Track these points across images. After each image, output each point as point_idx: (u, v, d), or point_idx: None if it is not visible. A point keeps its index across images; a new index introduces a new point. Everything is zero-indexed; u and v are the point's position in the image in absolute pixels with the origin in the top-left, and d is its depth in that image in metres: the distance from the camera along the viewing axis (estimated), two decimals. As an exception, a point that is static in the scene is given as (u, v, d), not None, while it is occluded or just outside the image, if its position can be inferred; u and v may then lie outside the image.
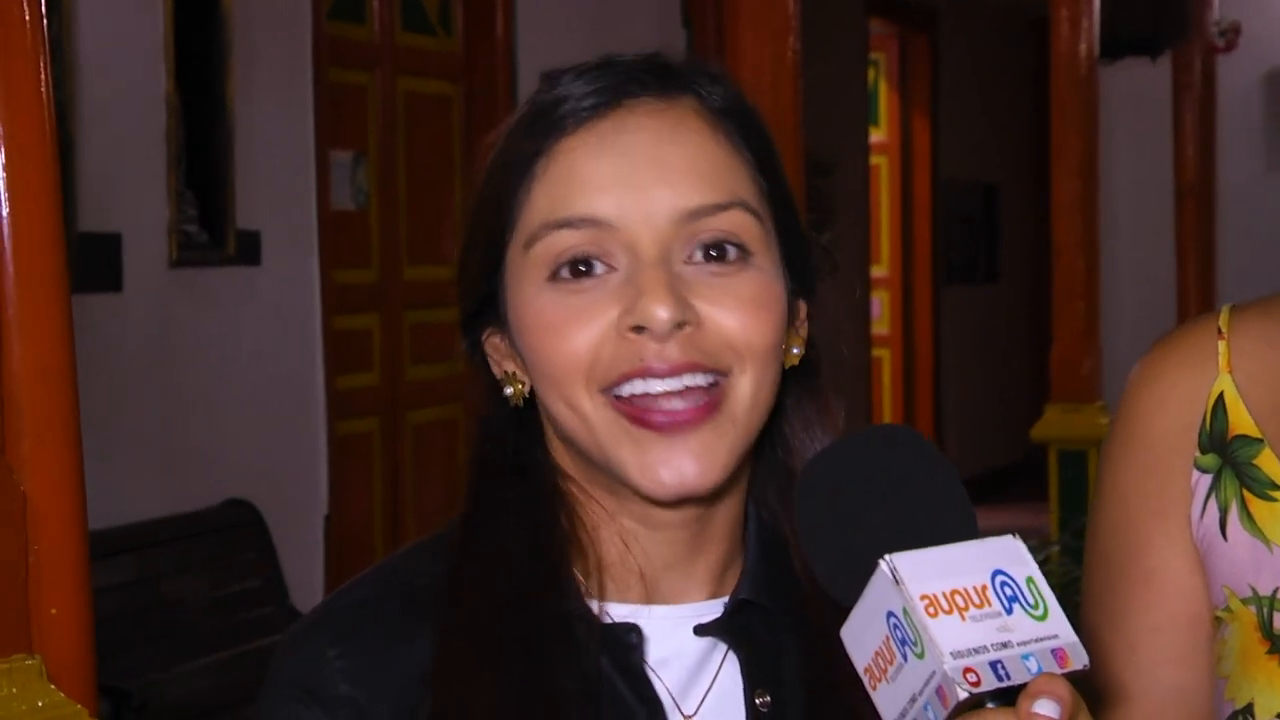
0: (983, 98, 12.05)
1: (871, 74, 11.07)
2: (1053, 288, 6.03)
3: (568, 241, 1.28)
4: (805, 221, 1.38)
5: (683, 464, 1.27)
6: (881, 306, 11.29)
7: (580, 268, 1.28)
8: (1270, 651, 1.32)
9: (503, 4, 6.96)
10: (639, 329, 1.26)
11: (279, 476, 5.96)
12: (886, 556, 1.10)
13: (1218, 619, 1.37)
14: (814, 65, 8.71)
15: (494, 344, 1.36)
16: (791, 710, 1.32)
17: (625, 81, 1.31)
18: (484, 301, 1.35)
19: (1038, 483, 6.57)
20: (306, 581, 5.92)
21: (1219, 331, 1.40)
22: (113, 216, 5.22)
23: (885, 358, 11.31)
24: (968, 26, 11.77)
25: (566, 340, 1.28)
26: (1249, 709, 1.33)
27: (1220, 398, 1.38)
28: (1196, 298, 7.56)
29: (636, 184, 1.28)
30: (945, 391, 11.64)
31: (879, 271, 11.21)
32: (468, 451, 1.39)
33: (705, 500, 1.32)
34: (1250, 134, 10.05)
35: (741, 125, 1.33)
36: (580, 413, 1.29)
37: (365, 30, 6.54)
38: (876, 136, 11.16)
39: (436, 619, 1.30)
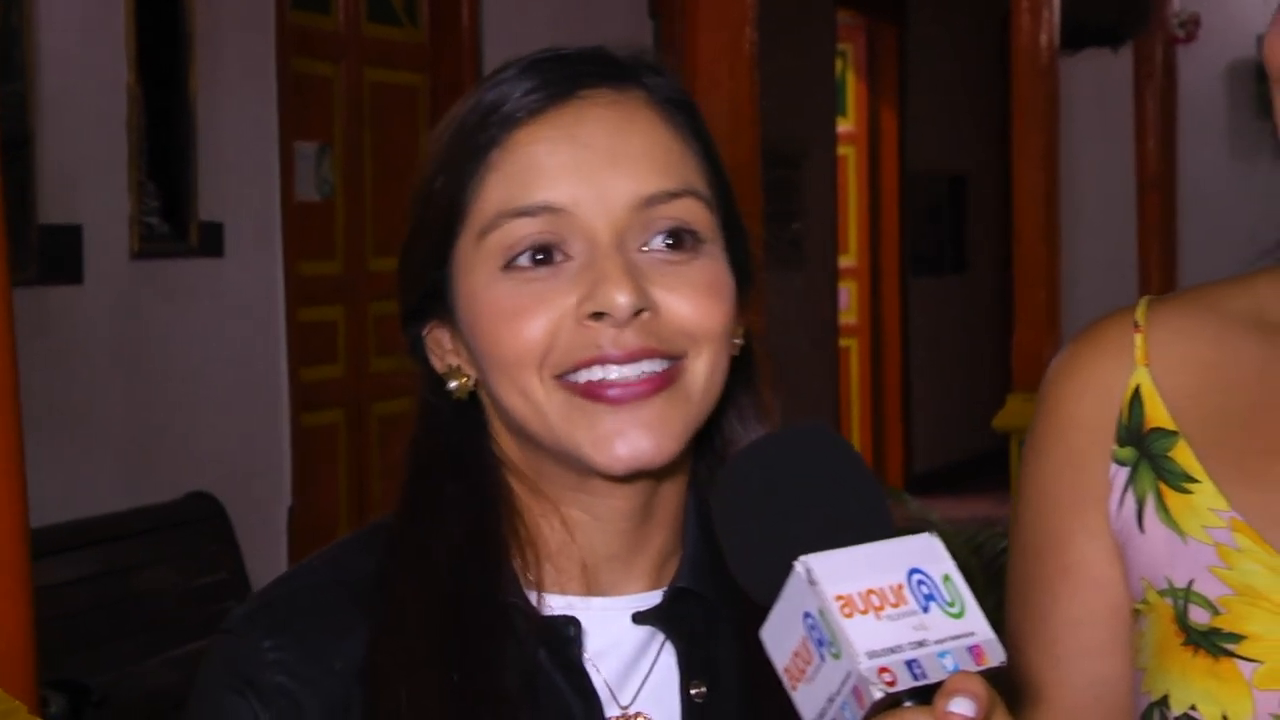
0: (951, 88, 12.07)
1: (839, 65, 11.08)
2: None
3: (524, 230, 1.29)
4: (772, 212, 1.40)
5: (637, 436, 1.27)
6: (849, 297, 11.31)
7: (537, 256, 1.29)
8: (1185, 643, 1.32)
9: (468, -6, 6.95)
10: (598, 315, 1.27)
11: (243, 469, 5.95)
12: (801, 557, 1.11)
13: (1136, 611, 1.37)
14: (781, 56, 8.71)
15: (436, 338, 1.36)
16: (727, 701, 1.33)
17: (578, 73, 1.32)
18: (428, 294, 1.35)
19: (1006, 472, 6.60)
20: (270, 574, 5.86)
21: (1135, 324, 1.40)
22: (74, 208, 5.21)
23: (853, 348, 11.33)
24: (935, 17, 11.79)
25: (522, 327, 1.28)
26: (1164, 701, 1.33)
27: (1137, 391, 1.38)
28: (1159, 287, 7.60)
29: (593, 172, 1.29)
30: (913, 382, 11.67)
31: (847, 262, 11.22)
32: (406, 444, 1.39)
33: (650, 486, 1.33)
34: (1213, 125, 10.09)
35: (689, 116, 1.35)
36: (532, 398, 1.29)
37: (330, 21, 6.53)
38: (844, 127, 11.18)
39: (372, 615, 1.30)
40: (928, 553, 1.13)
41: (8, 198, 4.80)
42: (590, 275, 1.28)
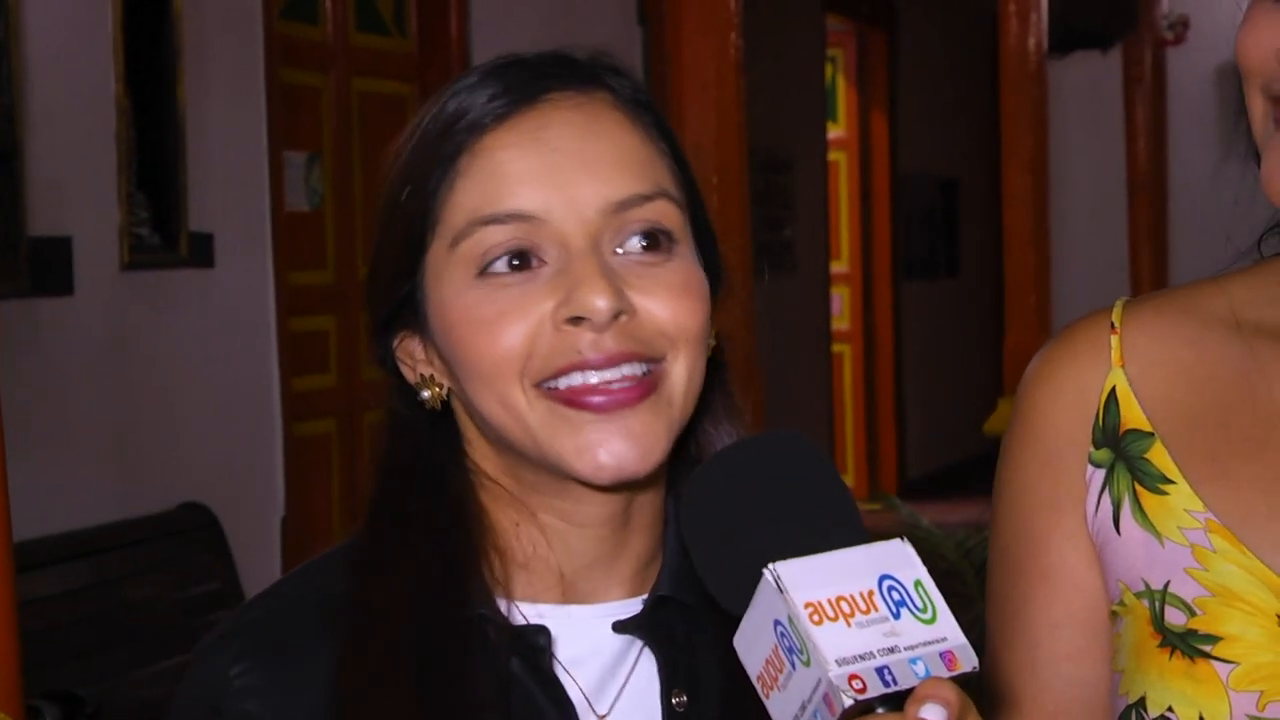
0: (941, 93, 12.08)
1: (829, 70, 11.09)
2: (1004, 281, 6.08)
3: (496, 237, 1.28)
4: (764, 217, 1.40)
5: (622, 446, 1.27)
6: (842, 302, 11.31)
7: (512, 262, 1.28)
8: (1162, 645, 1.32)
9: (457, 3, 6.95)
10: (576, 320, 1.26)
11: (235, 479, 5.94)
12: (770, 565, 1.10)
13: (1113, 613, 1.37)
14: (770, 62, 8.72)
15: (408, 348, 1.36)
16: (707, 710, 1.33)
17: (542, 76, 1.32)
18: (399, 305, 1.34)
19: (997, 476, 6.57)
20: (264, 584, 5.84)
21: (1112, 326, 1.40)
22: (63, 220, 5.20)
23: (846, 353, 11.33)
24: (925, 22, 11.79)
25: (500, 335, 1.27)
26: (1142, 703, 1.33)
27: (1113, 392, 1.38)
28: (1150, 289, 7.59)
29: (563, 177, 1.28)
30: (907, 386, 11.66)
31: (839, 267, 11.22)
32: (374, 458, 1.38)
33: (630, 493, 1.32)
34: (1203, 127, 10.09)
35: (654, 116, 1.35)
36: (514, 408, 1.28)
37: (318, 31, 6.52)
38: (835, 132, 11.18)
39: (340, 635, 1.30)
40: (899, 558, 1.13)
41: (-3, 210, 4.81)
42: (566, 280, 1.27)
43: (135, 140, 5.49)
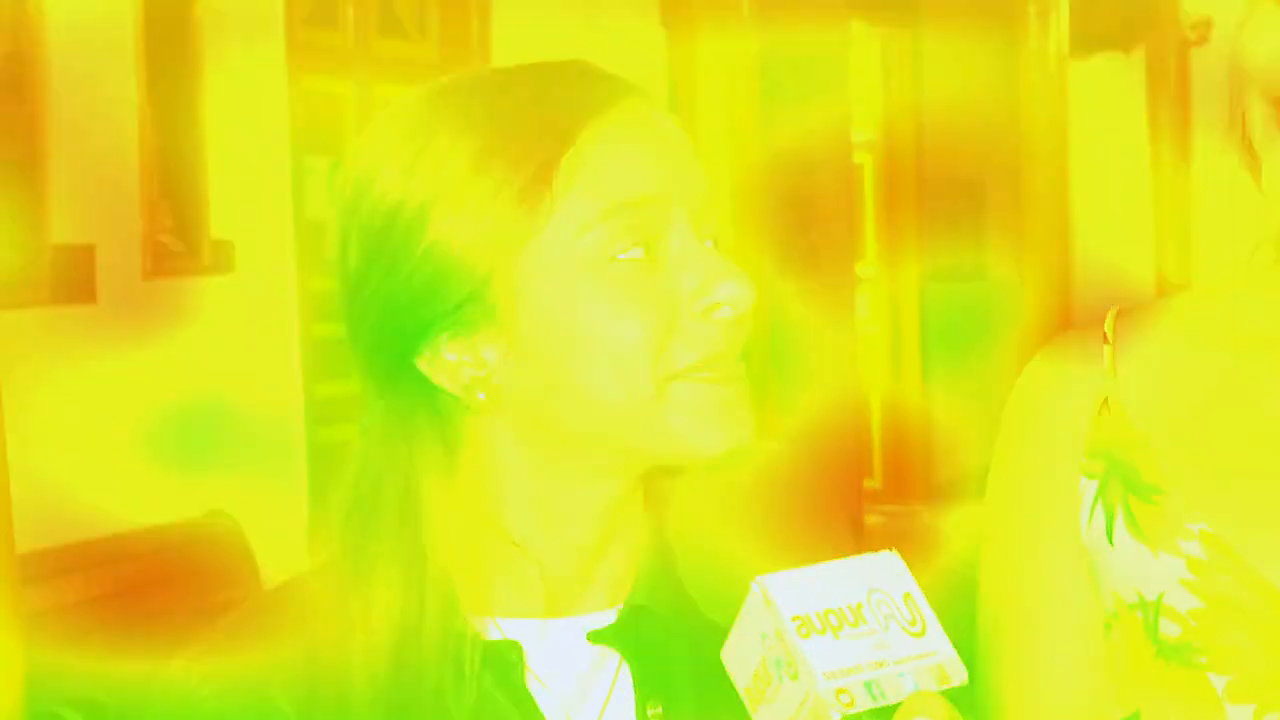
0: (967, 94, 12.04)
1: (853, 73, 11.07)
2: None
3: (628, 221, 1.26)
4: (788, 220, 1.43)
5: (737, 422, 1.27)
6: (868, 304, 11.30)
7: (642, 247, 1.27)
8: (1156, 657, 1.31)
9: (478, 7, 6.95)
10: (717, 308, 1.26)
11: (259, 485, 5.95)
12: (758, 577, 1.10)
13: (1106, 625, 1.36)
14: (794, 65, 8.71)
15: (442, 354, 1.30)
16: None
17: (611, 80, 1.32)
18: (453, 310, 1.29)
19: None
20: (288, 589, 5.89)
21: (1104, 336, 1.40)
22: (85, 228, 5.22)
23: (873, 355, 11.31)
24: (949, 23, 11.76)
25: (638, 320, 1.26)
26: (1137, 716, 1.32)
27: (1105, 403, 1.37)
28: (1175, 292, 7.59)
29: (674, 166, 1.29)
30: (933, 389, 11.64)
31: (865, 269, 11.21)
32: (348, 478, 1.36)
33: (626, 493, 1.32)
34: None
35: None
36: (640, 390, 1.26)
37: (339, 36, 6.53)
38: (860, 135, 11.16)
39: (310, 655, 1.29)
40: (888, 571, 1.12)
41: (19, 219, 4.82)
42: (697, 267, 1.27)
43: (156, 148, 5.50)
